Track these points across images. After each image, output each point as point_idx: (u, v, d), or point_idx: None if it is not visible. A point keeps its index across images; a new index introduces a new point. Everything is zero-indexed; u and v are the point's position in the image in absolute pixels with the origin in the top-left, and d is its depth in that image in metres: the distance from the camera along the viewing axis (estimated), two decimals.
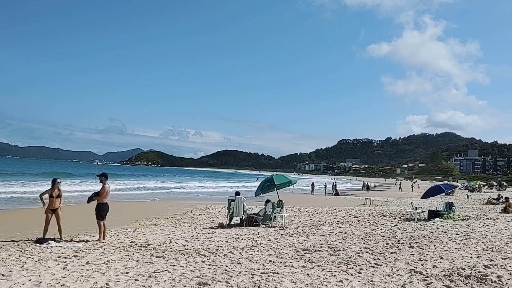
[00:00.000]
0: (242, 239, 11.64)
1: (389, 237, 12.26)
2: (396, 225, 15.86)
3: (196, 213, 20.23)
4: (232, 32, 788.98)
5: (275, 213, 15.18)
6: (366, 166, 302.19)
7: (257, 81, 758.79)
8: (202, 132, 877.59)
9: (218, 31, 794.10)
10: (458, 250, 9.90)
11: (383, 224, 15.99)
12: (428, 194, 19.34)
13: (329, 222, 16.49)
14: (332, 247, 10.25)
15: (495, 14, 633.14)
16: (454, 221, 17.31)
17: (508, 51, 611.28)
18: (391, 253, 9.54)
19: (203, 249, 9.84)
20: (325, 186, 55.48)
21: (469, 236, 12.39)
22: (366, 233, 13.29)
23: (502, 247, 10.08)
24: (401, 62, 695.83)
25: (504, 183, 76.80)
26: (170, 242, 10.91)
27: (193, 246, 10.28)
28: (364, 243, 11.10)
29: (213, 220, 17.11)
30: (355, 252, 9.64)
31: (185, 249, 9.90)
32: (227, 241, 11.19)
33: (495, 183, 79.02)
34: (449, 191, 23.98)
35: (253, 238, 11.71)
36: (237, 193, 15.58)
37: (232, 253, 9.39)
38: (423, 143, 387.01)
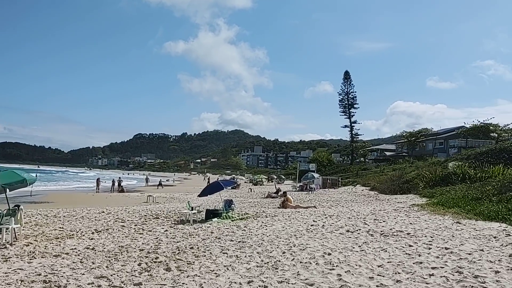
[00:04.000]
0: None
1: (148, 252, 9.38)
2: (166, 230, 13.19)
3: None
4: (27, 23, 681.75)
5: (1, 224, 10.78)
6: (161, 160, 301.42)
7: (45, 67, 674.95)
8: None
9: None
10: (228, 269, 7.59)
11: (151, 230, 13.13)
12: (205, 192, 17.34)
13: (83, 232, 12.80)
14: (51, 281, 6.77)
15: (281, 26, 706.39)
16: (232, 221, 15.63)
17: (288, 62, 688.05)
18: (135, 285, 6.60)
19: None
20: (113, 182, 50.65)
21: (244, 243, 10.41)
22: (122, 246, 10.16)
23: (279, 261, 8.18)
24: (197, 61, 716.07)
25: (283, 177, 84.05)
26: None
27: None
28: (107, 267, 7.93)
29: None
30: None
31: None
32: None
33: (275, 177, 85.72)
34: (229, 187, 22.70)
35: None
36: None
37: None
38: (215, 139, 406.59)
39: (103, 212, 19.01)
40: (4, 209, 11.31)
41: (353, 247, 9.46)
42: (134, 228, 13.62)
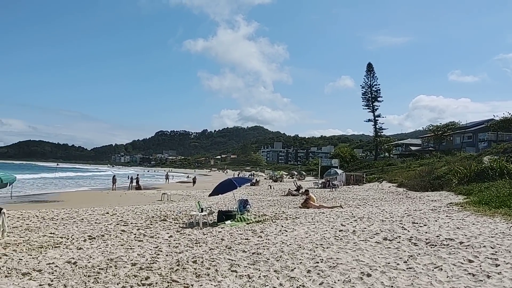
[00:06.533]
0: None
1: (140, 268, 7.58)
2: (171, 236, 11.40)
3: None
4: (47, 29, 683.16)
5: None
6: (183, 157, 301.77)
7: (69, 68, 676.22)
8: (2, 120, 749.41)
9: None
10: None
11: (153, 236, 11.34)
12: (217, 190, 15.40)
13: (74, 238, 11.09)
14: None
15: (301, 22, 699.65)
16: (247, 224, 13.74)
17: (308, 57, 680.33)
18: None
19: None
20: (131, 179, 49.54)
21: (260, 255, 8.50)
22: (111, 259, 8.36)
23: (303, 286, 6.22)
24: (216, 58, 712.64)
25: (304, 173, 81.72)
26: None
27: None
28: None
29: None
30: None
31: None
32: None
33: (296, 173, 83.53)
34: (243, 186, 20.76)
35: None
36: None
37: None
38: (235, 136, 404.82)
39: (107, 213, 17.37)
40: None
41: (397, 264, 7.42)
42: (135, 234, 11.85)
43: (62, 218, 15.34)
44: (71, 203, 24.58)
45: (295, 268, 7.32)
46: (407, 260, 7.67)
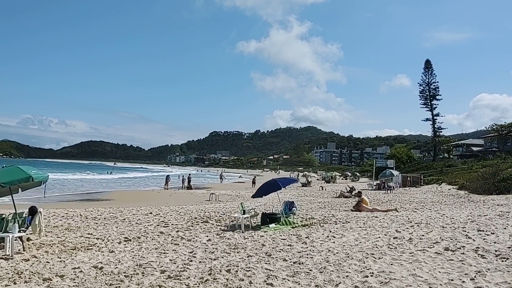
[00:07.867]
0: None
1: (167, 277, 6.89)
2: (209, 239, 10.70)
3: None
4: (100, 28, 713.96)
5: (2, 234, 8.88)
6: (235, 157, 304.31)
7: (128, 76, 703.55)
8: (67, 121, 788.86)
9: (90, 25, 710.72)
10: None
11: (190, 240, 10.69)
12: (260, 192, 14.58)
13: (110, 240, 10.65)
14: None
15: (355, 20, 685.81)
16: (292, 227, 12.82)
17: (363, 56, 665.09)
18: None
19: None
20: (183, 179, 49.97)
21: (302, 265, 7.58)
22: (140, 265, 7.74)
23: None
24: (269, 59, 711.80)
25: (358, 174, 79.18)
26: None
27: None
28: None
29: None
30: None
31: None
32: None
33: (349, 174, 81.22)
34: (288, 186, 19.81)
35: None
36: None
37: None
38: (288, 136, 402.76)
39: (151, 213, 17.04)
40: (9, 213, 9.40)
41: (463, 281, 6.24)
42: (173, 236, 11.27)
43: (105, 218, 15.11)
44: (120, 202, 24.72)
45: (340, 282, 6.33)
46: (475, 276, 6.47)
